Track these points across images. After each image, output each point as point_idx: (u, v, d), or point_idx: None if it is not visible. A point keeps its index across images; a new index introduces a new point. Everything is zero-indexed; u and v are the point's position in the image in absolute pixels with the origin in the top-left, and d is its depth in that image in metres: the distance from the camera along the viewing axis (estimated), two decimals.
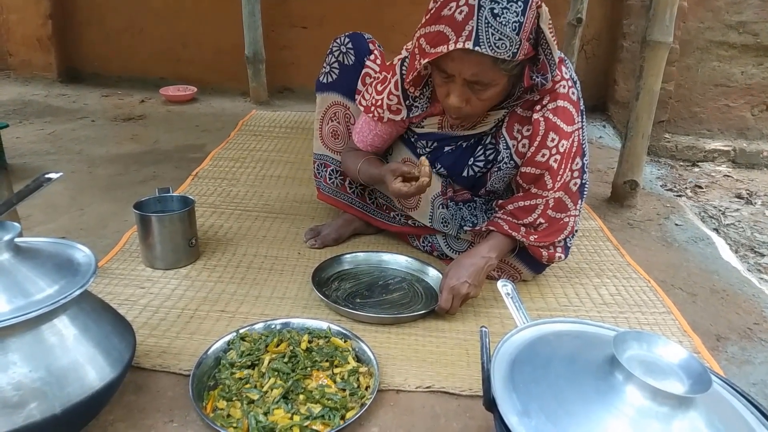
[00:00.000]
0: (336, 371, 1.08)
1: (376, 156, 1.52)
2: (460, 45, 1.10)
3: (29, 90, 3.35)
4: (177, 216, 1.46)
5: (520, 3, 1.09)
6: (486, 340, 0.83)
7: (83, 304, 0.93)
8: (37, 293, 0.85)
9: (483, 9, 1.09)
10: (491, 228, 1.36)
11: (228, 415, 0.98)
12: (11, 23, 3.44)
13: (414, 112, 1.40)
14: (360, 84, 1.52)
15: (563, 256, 1.41)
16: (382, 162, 1.49)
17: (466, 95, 1.21)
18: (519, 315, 0.98)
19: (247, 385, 1.03)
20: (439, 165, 1.46)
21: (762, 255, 2.00)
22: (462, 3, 1.11)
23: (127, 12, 3.45)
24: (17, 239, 0.91)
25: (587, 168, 1.36)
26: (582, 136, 1.33)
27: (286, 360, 1.09)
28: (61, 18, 3.45)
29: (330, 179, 1.65)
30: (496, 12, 1.08)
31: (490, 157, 1.39)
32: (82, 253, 0.97)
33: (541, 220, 1.33)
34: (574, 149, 1.31)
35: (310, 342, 1.15)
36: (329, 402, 1.00)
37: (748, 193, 2.53)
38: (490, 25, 1.09)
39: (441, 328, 1.30)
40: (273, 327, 1.21)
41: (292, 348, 1.13)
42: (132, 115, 2.97)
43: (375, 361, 1.11)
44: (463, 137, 1.40)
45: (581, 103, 1.31)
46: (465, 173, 1.44)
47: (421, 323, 1.31)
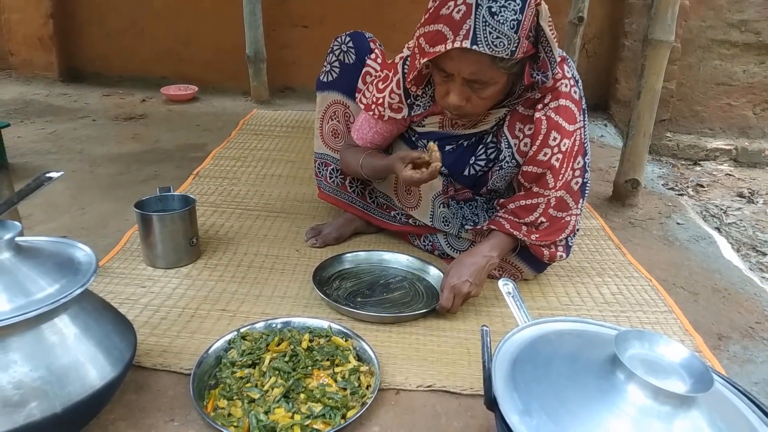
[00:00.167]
0: (337, 370, 1.08)
1: (377, 150, 1.51)
2: (457, 44, 1.10)
3: (30, 89, 3.36)
4: (178, 215, 1.46)
5: (518, 1, 1.09)
6: (487, 339, 0.83)
7: (84, 303, 0.93)
8: (38, 292, 0.85)
9: (481, 7, 1.08)
10: (492, 227, 1.36)
11: (229, 414, 0.98)
12: (12, 23, 3.44)
13: (416, 110, 1.40)
14: (360, 83, 1.51)
15: (564, 255, 1.41)
16: (385, 154, 1.48)
17: (465, 94, 1.21)
18: (520, 314, 0.98)
19: (248, 384, 1.03)
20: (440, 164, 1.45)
21: (764, 254, 2.00)
22: (460, 2, 1.10)
23: (128, 11, 3.46)
24: (18, 238, 0.91)
25: (589, 167, 1.36)
26: (584, 134, 1.33)
27: (287, 359, 1.09)
28: (62, 17, 3.45)
29: (330, 178, 1.65)
30: (493, 10, 1.08)
31: (491, 156, 1.39)
32: (82, 252, 0.97)
33: (543, 219, 1.33)
34: (575, 148, 1.31)
35: (311, 341, 1.15)
36: (330, 401, 1.00)
37: (749, 192, 2.53)
38: (487, 24, 1.08)
39: (442, 327, 1.30)
40: (274, 326, 1.21)
41: (293, 347, 1.13)
42: (133, 115, 2.97)
43: (376, 360, 1.11)
44: (465, 136, 1.40)
45: (583, 102, 1.31)
46: (466, 172, 1.43)
47: (422, 322, 1.31)
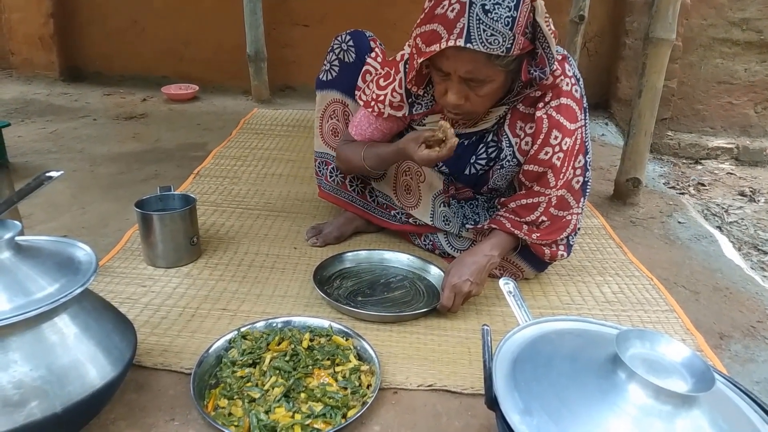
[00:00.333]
0: (337, 370, 1.08)
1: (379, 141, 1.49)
2: (451, 42, 1.10)
3: (31, 89, 3.36)
4: (178, 214, 1.46)
5: None
6: (488, 338, 0.83)
7: (84, 302, 0.93)
8: (38, 292, 0.84)
9: (474, 6, 1.08)
10: (493, 226, 1.36)
11: (229, 414, 0.98)
12: (13, 22, 3.44)
13: (417, 109, 1.39)
14: (360, 81, 1.51)
15: (566, 254, 1.40)
16: (389, 143, 1.45)
17: (463, 92, 1.21)
18: (521, 313, 0.98)
19: (249, 384, 1.03)
20: (441, 163, 1.45)
21: (765, 253, 2.00)
22: (454, 1, 1.10)
23: (129, 11, 3.46)
24: (18, 238, 0.91)
25: (590, 166, 1.36)
26: (585, 133, 1.33)
27: (287, 358, 1.09)
28: (63, 17, 3.45)
29: (331, 177, 1.64)
30: (487, 8, 1.08)
31: (492, 155, 1.39)
32: (82, 252, 0.97)
33: (544, 218, 1.33)
34: (576, 147, 1.31)
35: (311, 340, 1.15)
36: (331, 400, 0.99)
37: (751, 191, 2.52)
38: (481, 22, 1.08)
39: (443, 326, 1.30)
40: (274, 325, 1.21)
41: (293, 346, 1.12)
42: (134, 114, 2.97)
43: (376, 360, 1.11)
44: (465, 135, 1.40)
45: (584, 101, 1.30)
46: (467, 171, 1.43)
47: (423, 321, 1.31)
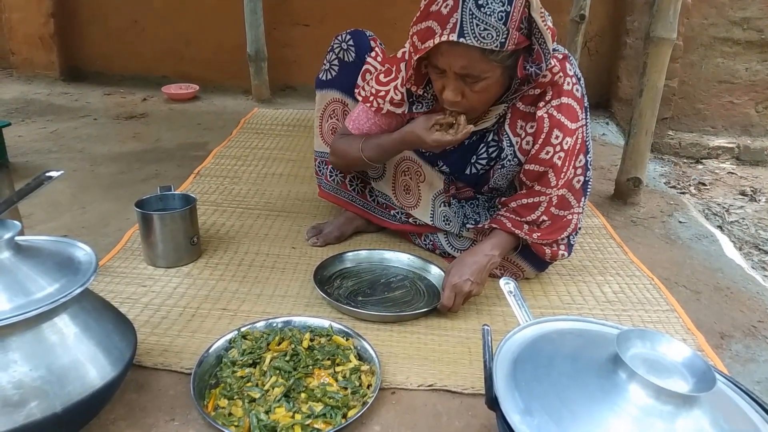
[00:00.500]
0: (338, 369, 1.08)
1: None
2: (445, 38, 1.11)
3: (31, 88, 3.36)
4: (179, 214, 1.46)
5: None
6: (488, 338, 0.83)
7: (84, 302, 0.92)
8: (38, 292, 0.84)
9: (467, 1, 1.09)
10: (494, 225, 1.36)
11: (229, 414, 0.98)
12: (13, 22, 3.44)
13: (418, 108, 1.39)
14: (360, 80, 1.51)
15: (566, 253, 1.40)
16: (390, 132, 1.42)
17: (460, 88, 1.21)
18: (521, 313, 0.98)
19: (249, 384, 1.03)
20: (442, 163, 1.45)
21: (766, 252, 1.99)
22: None
23: (129, 11, 3.46)
24: (18, 238, 0.91)
25: (590, 165, 1.36)
26: (586, 133, 1.32)
27: (287, 358, 1.09)
28: (63, 17, 3.45)
29: (331, 176, 1.64)
30: (480, 3, 1.08)
31: (492, 155, 1.39)
32: (82, 252, 0.97)
33: (545, 217, 1.33)
34: (577, 146, 1.30)
35: (311, 340, 1.15)
36: (331, 400, 0.99)
37: (752, 191, 2.52)
38: (474, 16, 1.08)
39: (443, 326, 1.29)
40: (274, 325, 1.21)
41: (293, 346, 1.12)
42: (134, 114, 2.97)
43: (377, 360, 1.11)
44: None
45: (585, 100, 1.30)
46: (468, 171, 1.43)
47: (423, 321, 1.31)
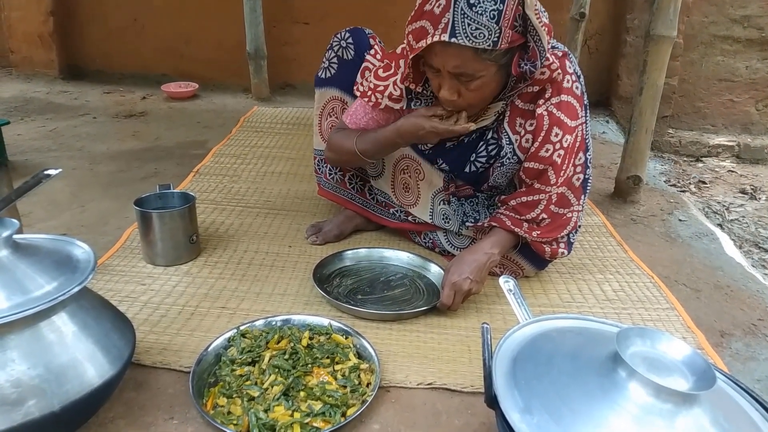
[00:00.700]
0: (337, 368, 1.08)
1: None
2: (437, 38, 1.11)
3: (31, 87, 3.35)
4: (178, 213, 1.46)
5: None
6: (488, 336, 0.83)
7: (82, 301, 0.92)
8: (36, 290, 0.84)
9: (459, 1, 1.09)
10: (493, 224, 1.36)
11: (228, 412, 0.98)
12: (13, 20, 3.44)
13: (416, 104, 1.39)
14: (359, 77, 1.50)
15: (566, 251, 1.40)
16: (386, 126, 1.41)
17: (455, 87, 1.21)
18: (521, 311, 0.97)
19: (248, 382, 1.03)
20: (441, 161, 1.45)
21: (766, 251, 1.99)
22: None
23: (129, 9, 3.45)
24: (16, 236, 0.90)
25: (590, 163, 1.36)
26: (585, 131, 1.32)
27: (286, 357, 1.09)
28: (63, 15, 3.45)
29: (330, 175, 1.64)
30: (472, 2, 1.08)
31: (492, 153, 1.38)
32: (81, 250, 0.96)
33: (544, 215, 1.32)
34: (577, 144, 1.30)
35: (311, 339, 1.15)
36: (330, 399, 0.99)
37: (752, 189, 2.52)
38: (466, 16, 1.08)
39: (442, 324, 1.29)
40: (274, 324, 1.21)
41: (292, 345, 1.12)
42: (133, 112, 2.97)
43: (376, 358, 1.10)
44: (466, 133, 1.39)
45: (585, 98, 1.30)
46: (467, 169, 1.43)
47: (423, 320, 1.30)
